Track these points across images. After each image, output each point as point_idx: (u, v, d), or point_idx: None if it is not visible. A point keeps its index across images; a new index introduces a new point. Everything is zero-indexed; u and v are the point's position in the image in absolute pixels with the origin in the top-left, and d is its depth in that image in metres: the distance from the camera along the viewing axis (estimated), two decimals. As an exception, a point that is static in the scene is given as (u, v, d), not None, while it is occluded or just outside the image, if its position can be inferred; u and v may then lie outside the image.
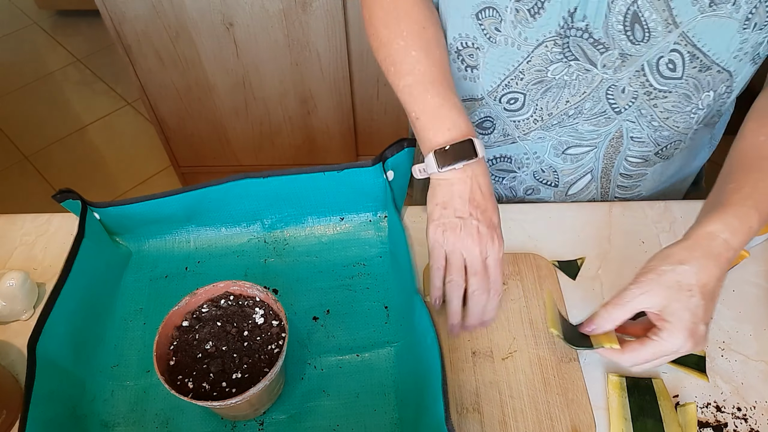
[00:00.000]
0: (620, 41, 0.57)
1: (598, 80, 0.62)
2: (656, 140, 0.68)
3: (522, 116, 0.68)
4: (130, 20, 1.38)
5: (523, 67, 0.62)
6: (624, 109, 0.64)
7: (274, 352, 0.52)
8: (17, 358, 0.60)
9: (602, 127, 0.67)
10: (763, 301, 0.62)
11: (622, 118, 0.65)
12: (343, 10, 1.37)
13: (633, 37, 0.56)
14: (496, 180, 0.79)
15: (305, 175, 0.65)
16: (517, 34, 0.60)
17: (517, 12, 0.58)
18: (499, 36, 0.61)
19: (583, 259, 0.66)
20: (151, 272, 0.67)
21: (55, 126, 2.17)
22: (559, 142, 0.70)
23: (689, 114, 0.64)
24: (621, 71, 0.60)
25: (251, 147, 1.74)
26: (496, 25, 0.60)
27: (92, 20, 2.61)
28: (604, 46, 0.58)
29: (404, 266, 0.59)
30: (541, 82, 0.63)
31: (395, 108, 1.65)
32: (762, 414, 0.54)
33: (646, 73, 0.60)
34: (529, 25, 0.58)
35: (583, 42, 0.58)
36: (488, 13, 0.60)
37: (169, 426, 0.55)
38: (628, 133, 0.67)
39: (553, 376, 0.56)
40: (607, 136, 0.68)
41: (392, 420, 0.55)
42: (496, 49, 0.62)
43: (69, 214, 0.72)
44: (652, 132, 0.67)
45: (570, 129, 0.68)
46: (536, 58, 0.61)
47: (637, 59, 0.58)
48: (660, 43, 0.56)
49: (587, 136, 0.69)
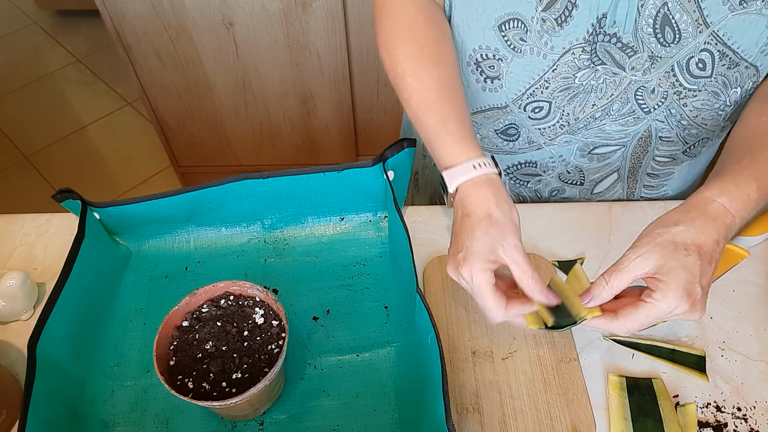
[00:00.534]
0: (650, 44, 0.57)
1: (626, 82, 0.61)
2: (684, 138, 0.68)
3: (547, 123, 0.68)
4: (130, 20, 1.38)
5: (548, 76, 0.62)
6: (653, 108, 0.64)
7: (274, 352, 0.52)
8: (17, 358, 0.60)
9: (630, 127, 0.67)
10: (763, 301, 0.62)
11: (651, 118, 0.65)
12: (343, 10, 1.37)
13: (663, 39, 0.56)
14: (521, 184, 0.78)
15: (305, 175, 0.65)
16: (543, 43, 0.59)
17: (544, 22, 0.58)
18: (524, 46, 0.60)
19: (583, 259, 0.66)
20: (151, 272, 0.67)
21: (55, 126, 2.17)
22: (586, 143, 0.70)
23: (717, 111, 0.64)
24: (650, 73, 0.60)
25: (251, 147, 1.74)
26: (521, 35, 0.60)
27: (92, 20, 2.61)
28: (633, 49, 0.58)
29: (404, 266, 0.59)
30: (568, 89, 0.63)
31: (395, 108, 1.65)
32: (762, 414, 0.54)
33: (676, 73, 0.60)
34: (555, 33, 0.58)
35: (611, 47, 0.58)
36: (513, 24, 0.59)
37: (169, 426, 0.55)
38: (657, 132, 0.67)
39: (553, 376, 0.56)
40: (636, 136, 0.68)
41: (392, 420, 0.55)
42: (521, 59, 0.62)
43: (69, 214, 0.72)
44: (681, 131, 0.67)
45: (597, 130, 0.68)
46: (562, 66, 0.61)
47: (667, 61, 0.58)
48: (690, 43, 0.56)
49: (615, 136, 0.68)
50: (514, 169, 0.76)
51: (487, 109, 0.70)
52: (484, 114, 0.70)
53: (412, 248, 0.57)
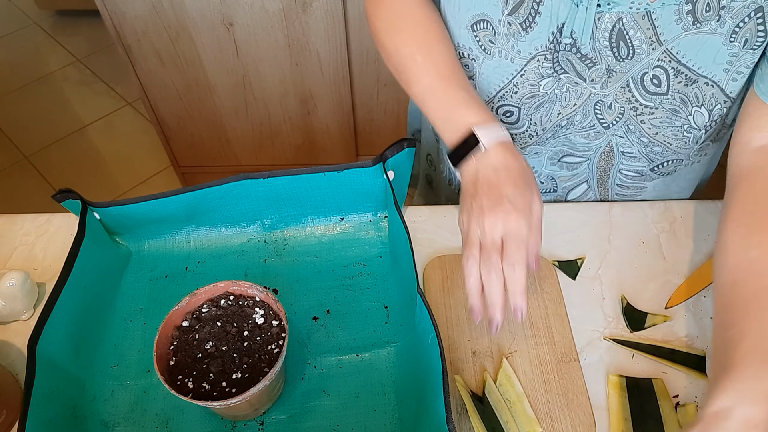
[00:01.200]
0: (606, 57, 0.57)
1: (587, 94, 0.62)
2: (648, 155, 0.68)
3: (518, 130, 0.68)
4: (130, 20, 1.38)
5: (517, 80, 0.63)
6: (612, 124, 0.64)
7: (274, 352, 0.52)
8: (17, 358, 0.60)
9: (593, 141, 0.67)
10: (763, 301, 0.62)
11: (611, 133, 0.66)
12: (343, 10, 1.37)
13: (618, 53, 0.56)
14: None
15: (305, 175, 0.65)
16: (510, 47, 0.60)
17: (510, 25, 0.58)
18: (493, 48, 0.61)
19: (583, 259, 0.66)
20: (151, 272, 0.67)
21: (55, 126, 2.17)
22: (555, 152, 0.71)
23: (681, 131, 0.64)
24: (607, 87, 0.60)
25: (251, 147, 1.74)
26: (490, 37, 0.60)
27: (92, 20, 2.61)
28: (592, 60, 0.58)
29: (404, 266, 0.59)
30: (534, 96, 0.64)
31: (395, 108, 1.65)
32: (762, 414, 0.54)
33: (632, 88, 0.60)
34: (522, 38, 0.58)
35: (572, 56, 0.58)
36: (482, 25, 0.60)
37: (169, 426, 0.55)
38: (618, 147, 0.68)
39: (553, 376, 0.56)
40: (598, 150, 0.68)
41: (392, 420, 0.55)
42: (491, 61, 0.63)
43: (69, 214, 0.72)
44: (642, 147, 0.67)
45: (564, 139, 0.68)
46: (529, 72, 0.61)
47: (622, 75, 0.59)
48: (644, 59, 0.56)
49: (580, 148, 0.69)
50: None
51: None
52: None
53: (413, 248, 0.57)
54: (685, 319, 0.61)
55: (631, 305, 0.62)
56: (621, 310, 0.62)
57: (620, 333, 0.60)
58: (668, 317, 0.61)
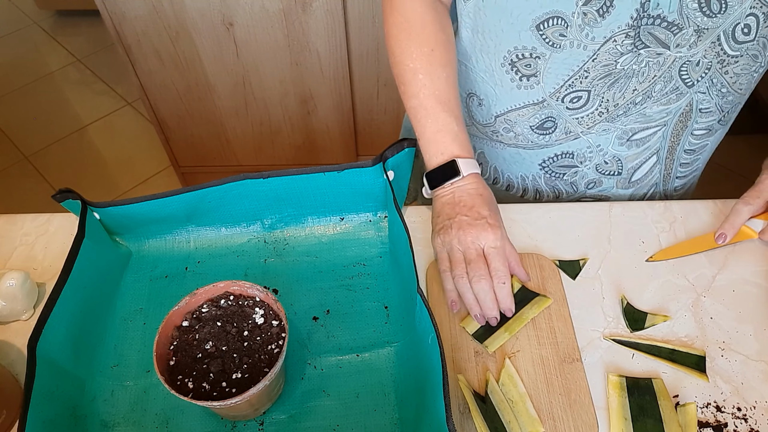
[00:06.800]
0: (695, 18, 0.57)
1: (670, 61, 0.61)
2: (722, 107, 0.68)
3: (586, 112, 0.68)
4: (130, 20, 1.38)
5: (588, 66, 0.62)
6: (696, 81, 0.64)
7: (274, 352, 0.52)
8: (17, 358, 0.60)
9: (672, 104, 0.66)
10: (763, 301, 0.62)
11: (693, 91, 0.65)
12: (343, 10, 1.37)
13: (709, 10, 0.56)
14: (557, 176, 0.77)
15: (305, 175, 0.65)
16: (584, 35, 0.60)
17: (585, 15, 0.58)
18: (564, 41, 0.61)
19: (585, 260, 0.66)
20: (151, 272, 0.67)
21: (55, 126, 2.17)
22: (624, 131, 0.70)
23: (753, 74, 0.65)
24: (696, 46, 0.60)
25: (251, 147, 1.74)
26: (560, 31, 0.60)
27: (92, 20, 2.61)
28: (678, 27, 0.58)
29: (405, 266, 0.59)
30: (608, 75, 0.63)
31: (395, 108, 1.65)
32: (762, 414, 0.54)
33: (722, 42, 0.60)
34: (597, 25, 0.58)
35: (656, 28, 0.58)
36: (552, 22, 0.60)
37: (169, 426, 0.55)
38: (697, 105, 0.67)
39: (555, 376, 0.56)
40: (677, 112, 0.67)
41: (392, 420, 0.55)
42: (560, 54, 0.62)
43: (69, 214, 0.72)
44: (719, 99, 0.67)
45: (637, 115, 0.67)
46: (603, 54, 0.61)
47: (714, 31, 0.58)
48: (737, 10, 0.56)
49: (656, 117, 0.68)
50: (549, 161, 0.75)
51: (522, 107, 0.69)
52: (519, 112, 0.70)
53: (413, 248, 0.57)
54: (685, 319, 0.61)
55: (631, 305, 0.62)
56: (621, 310, 0.62)
57: (620, 333, 0.60)
58: (668, 317, 0.61)
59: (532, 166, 0.76)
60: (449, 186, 0.62)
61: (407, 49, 0.64)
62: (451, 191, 0.62)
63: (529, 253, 0.66)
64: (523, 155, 0.76)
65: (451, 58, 0.65)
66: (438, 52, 0.64)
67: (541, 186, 0.79)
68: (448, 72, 0.64)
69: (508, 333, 0.59)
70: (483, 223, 0.59)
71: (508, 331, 0.59)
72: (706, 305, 0.62)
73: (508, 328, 0.59)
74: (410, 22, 0.64)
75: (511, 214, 0.71)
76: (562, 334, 0.59)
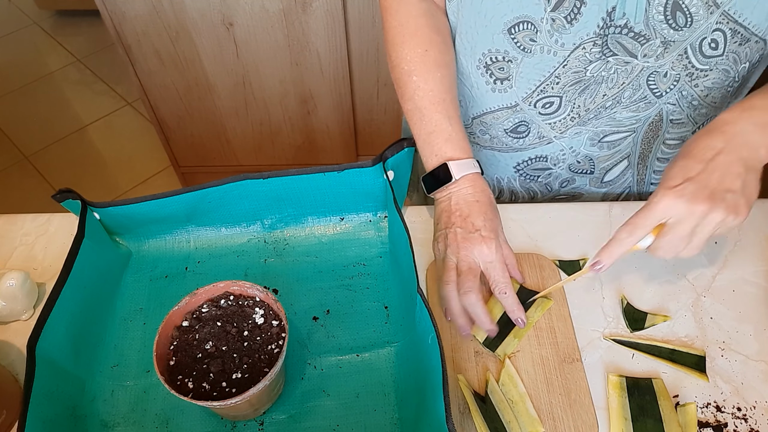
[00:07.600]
0: (662, 30, 0.57)
1: (638, 70, 0.62)
2: (694, 119, 0.68)
3: (558, 117, 0.68)
4: (130, 20, 1.38)
5: (558, 72, 0.63)
6: (665, 92, 0.64)
7: (274, 352, 0.52)
8: (17, 358, 0.60)
9: (642, 113, 0.67)
10: (763, 301, 0.62)
11: (662, 102, 0.65)
12: (343, 10, 1.37)
13: (675, 24, 0.57)
14: (531, 179, 0.78)
15: (305, 175, 0.65)
16: (553, 41, 0.60)
17: (553, 21, 0.58)
18: (534, 46, 0.61)
19: (585, 260, 0.66)
20: (151, 272, 0.67)
21: (55, 126, 2.17)
22: (596, 132, 0.70)
23: (726, 88, 0.65)
24: (663, 58, 0.60)
25: (251, 147, 1.74)
26: (531, 36, 0.61)
27: (92, 20, 2.61)
28: (645, 37, 0.58)
29: (405, 266, 0.59)
30: (579, 82, 0.64)
31: (395, 108, 1.65)
32: (762, 414, 0.54)
33: (689, 55, 0.60)
34: (566, 31, 0.59)
35: (623, 38, 0.59)
36: (522, 27, 0.60)
37: (169, 426, 0.55)
38: (668, 116, 0.67)
39: (555, 376, 0.56)
40: (647, 121, 0.68)
41: (392, 420, 0.55)
42: (531, 59, 0.63)
43: (69, 214, 0.72)
44: (691, 111, 0.67)
45: (607, 119, 0.68)
46: (573, 61, 0.62)
47: (680, 44, 0.59)
48: (702, 25, 0.57)
49: (625, 123, 0.68)
50: (524, 165, 0.76)
51: (496, 110, 0.70)
52: (494, 114, 0.71)
53: (413, 248, 0.57)
54: (685, 319, 0.61)
55: (631, 305, 0.62)
56: (621, 310, 0.62)
57: (620, 333, 0.60)
58: (668, 317, 0.61)
59: (507, 169, 0.78)
60: (446, 190, 0.62)
61: (402, 51, 0.65)
62: (448, 196, 0.61)
63: (529, 253, 0.66)
64: (498, 158, 0.77)
65: (446, 58, 0.65)
66: (432, 53, 0.64)
67: (515, 188, 0.80)
68: (443, 72, 0.64)
69: (517, 339, 0.59)
70: (476, 236, 0.58)
71: (518, 337, 0.59)
72: (706, 305, 0.62)
73: (517, 334, 0.59)
74: (404, 26, 0.65)
75: (511, 214, 0.71)
76: (562, 334, 0.59)
